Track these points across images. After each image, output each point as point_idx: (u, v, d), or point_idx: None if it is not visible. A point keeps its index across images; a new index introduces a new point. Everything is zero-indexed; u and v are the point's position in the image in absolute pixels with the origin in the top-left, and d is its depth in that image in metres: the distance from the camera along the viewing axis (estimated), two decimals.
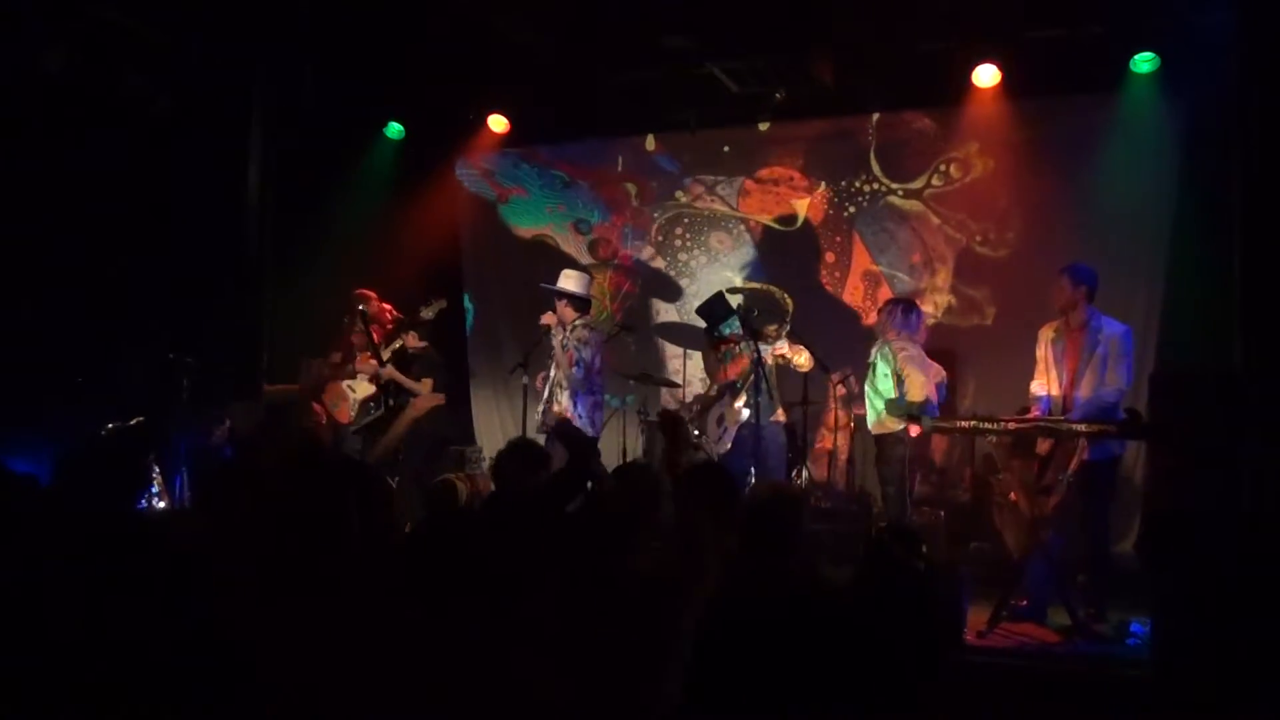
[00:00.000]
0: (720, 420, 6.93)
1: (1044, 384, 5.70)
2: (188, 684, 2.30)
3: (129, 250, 7.80)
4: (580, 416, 6.78)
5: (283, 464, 3.93)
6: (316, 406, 7.80)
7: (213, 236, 7.73)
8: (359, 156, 9.11)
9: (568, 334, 6.93)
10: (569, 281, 7.11)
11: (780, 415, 6.94)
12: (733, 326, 7.02)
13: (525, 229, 9.67)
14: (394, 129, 9.10)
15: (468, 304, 9.74)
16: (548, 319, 7.03)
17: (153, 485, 6.91)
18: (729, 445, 6.92)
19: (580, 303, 7.07)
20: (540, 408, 7.04)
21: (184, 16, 7.15)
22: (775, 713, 1.95)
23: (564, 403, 6.86)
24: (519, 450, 4.36)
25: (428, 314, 7.67)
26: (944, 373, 6.79)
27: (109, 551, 2.72)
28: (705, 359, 8.06)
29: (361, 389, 7.85)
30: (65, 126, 7.24)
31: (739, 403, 6.85)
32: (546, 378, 7.04)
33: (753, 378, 6.67)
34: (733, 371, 7.02)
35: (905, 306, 6.48)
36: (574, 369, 6.82)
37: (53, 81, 6.97)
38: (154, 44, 7.33)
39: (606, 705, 2.34)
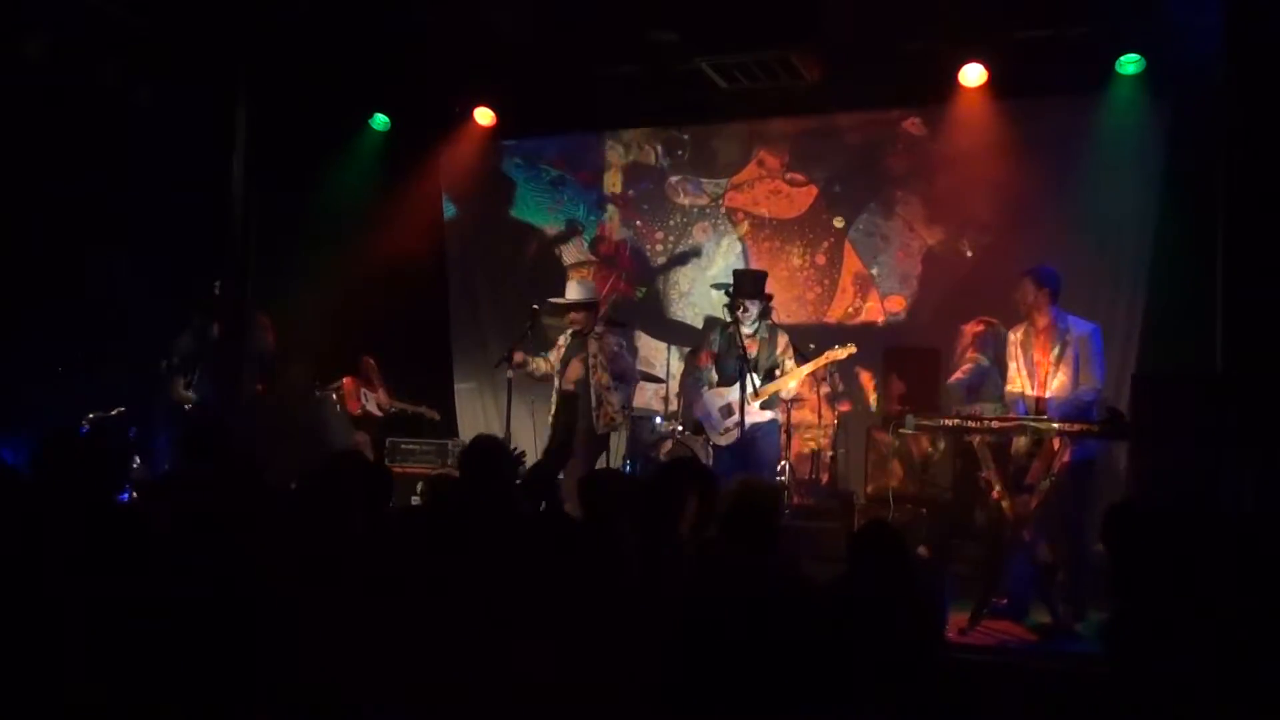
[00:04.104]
0: (729, 410, 6.57)
1: (1017, 386, 5.73)
2: (172, 676, 2.29)
3: (110, 240, 7.76)
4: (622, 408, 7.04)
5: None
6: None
7: (196, 226, 7.69)
8: (344, 148, 9.08)
9: (596, 347, 6.93)
10: (575, 291, 7.18)
11: (778, 413, 6.83)
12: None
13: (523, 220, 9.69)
14: (379, 120, 9.08)
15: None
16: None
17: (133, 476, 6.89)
18: (734, 438, 6.55)
19: (592, 307, 7.09)
20: (594, 413, 6.90)
21: (167, 4, 7.10)
22: (756, 712, 1.95)
23: (614, 403, 6.91)
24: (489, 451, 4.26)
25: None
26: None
27: (90, 542, 2.71)
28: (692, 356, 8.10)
29: (371, 404, 8.68)
30: (45, 115, 7.18)
31: (758, 403, 6.56)
32: (584, 381, 6.92)
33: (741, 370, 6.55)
34: (753, 348, 6.67)
35: None
36: (611, 375, 6.93)
37: (34, 70, 6.91)
38: (136, 32, 7.27)
39: (590, 701, 2.34)
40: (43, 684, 2.23)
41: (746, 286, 6.72)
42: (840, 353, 6.65)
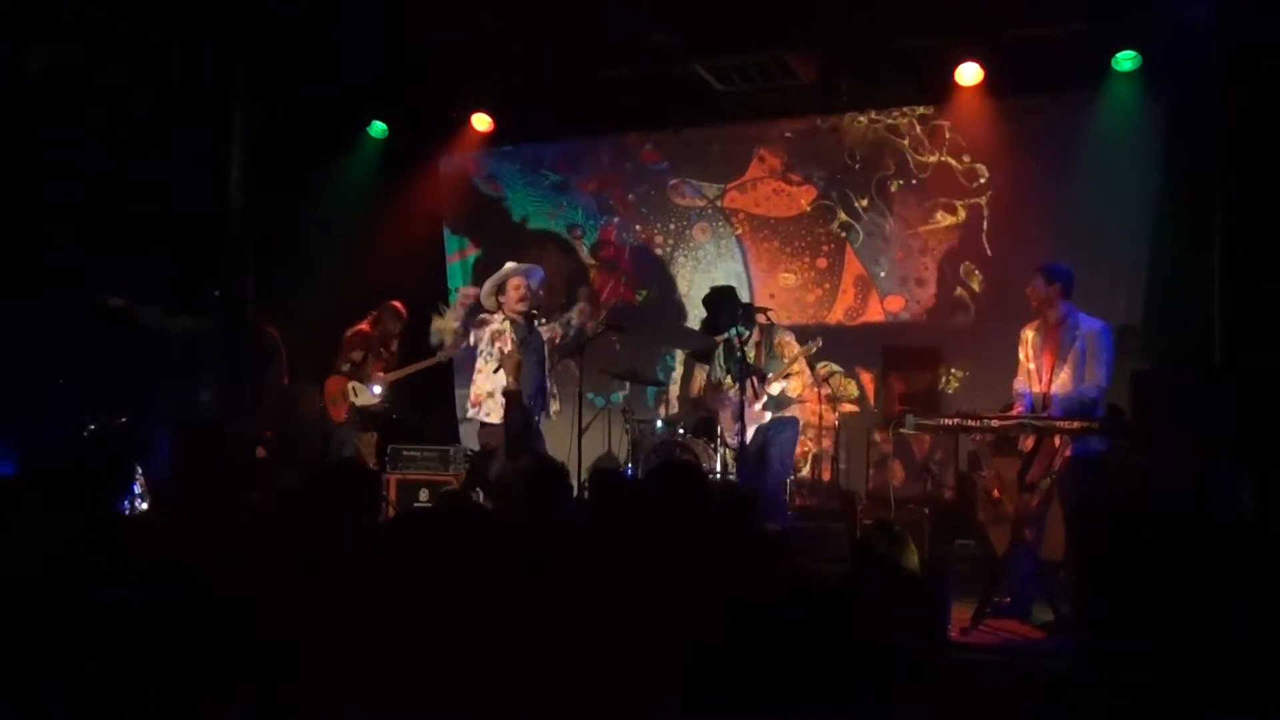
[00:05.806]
0: (737, 415, 6.64)
1: (1026, 382, 5.74)
2: (166, 686, 2.29)
3: (109, 247, 7.76)
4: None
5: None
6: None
7: (194, 234, 7.70)
8: (342, 155, 9.09)
9: (548, 335, 6.84)
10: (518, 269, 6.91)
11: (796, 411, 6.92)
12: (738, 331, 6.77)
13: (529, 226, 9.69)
14: (377, 127, 9.08)
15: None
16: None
17: (135, 486, 6.88)
18: (738, 441, 6.69)
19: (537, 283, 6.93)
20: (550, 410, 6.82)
21: (165, 11, 7.11)
22: (758, 713, 1.95)
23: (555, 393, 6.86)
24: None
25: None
26: None
27: (89, 552, 2.71)
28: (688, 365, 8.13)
29: (363, 396, 8.07)
30: (44, 120, 7.19)
31: (759, 404, 6.69)
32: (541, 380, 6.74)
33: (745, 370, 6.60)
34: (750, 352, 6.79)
35: None
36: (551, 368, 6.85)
37: (34, 76, 6.92)
38: (135, 38, 7.28)
39: (594, 705, 2.34)
40: (35, 692, 2.23)
41: (720, 320, 6.79)
42: (810, 347, 6.77)
